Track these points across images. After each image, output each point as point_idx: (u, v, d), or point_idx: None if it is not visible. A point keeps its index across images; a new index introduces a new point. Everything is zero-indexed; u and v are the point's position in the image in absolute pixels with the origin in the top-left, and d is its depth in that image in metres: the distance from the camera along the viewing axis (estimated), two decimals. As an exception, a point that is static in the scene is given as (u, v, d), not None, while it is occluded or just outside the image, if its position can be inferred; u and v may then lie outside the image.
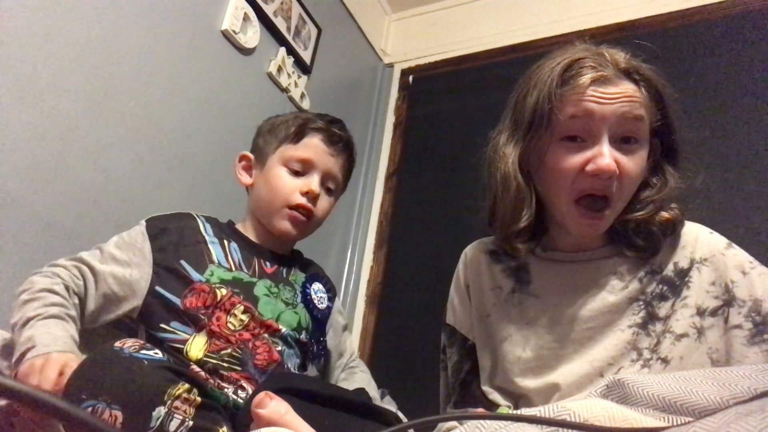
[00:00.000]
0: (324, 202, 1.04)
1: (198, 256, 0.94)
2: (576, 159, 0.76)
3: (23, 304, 0.78)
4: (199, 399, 0.65)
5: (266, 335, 0.91)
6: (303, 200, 1.00)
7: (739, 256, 0.79)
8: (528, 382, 0.81)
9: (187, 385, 0.65)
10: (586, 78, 0.76)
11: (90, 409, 0.60)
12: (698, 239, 0.82)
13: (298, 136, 1.03)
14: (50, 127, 1.14)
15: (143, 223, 0.96)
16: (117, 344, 0.66)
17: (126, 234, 0.95)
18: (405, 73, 2.42)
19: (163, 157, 1.39)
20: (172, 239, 0.95)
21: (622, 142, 0.76)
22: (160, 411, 0.61)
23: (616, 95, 0.75)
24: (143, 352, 0.66)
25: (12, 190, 1.06)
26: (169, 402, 0.62)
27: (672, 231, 0.81)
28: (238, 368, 0.86)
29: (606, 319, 0.79)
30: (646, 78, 0.78)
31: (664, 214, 0.79)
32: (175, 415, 0.62)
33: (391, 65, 2.47)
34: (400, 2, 2.51)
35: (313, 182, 1.01)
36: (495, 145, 0.87)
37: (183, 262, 0.92)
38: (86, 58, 1.22)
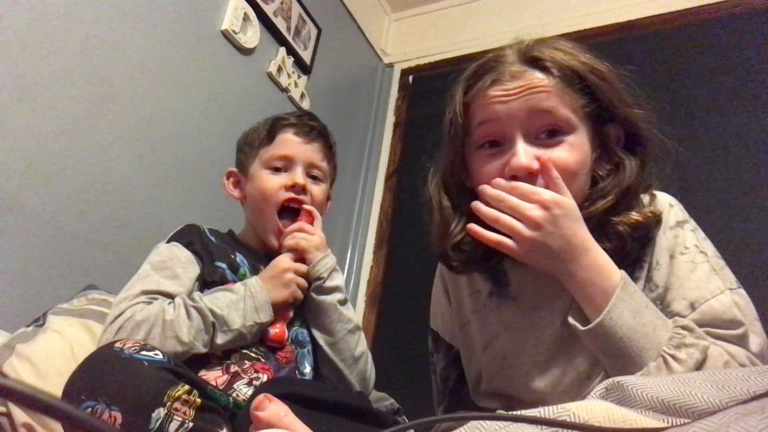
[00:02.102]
0: (315, 190, 1.04)
1: (226, 261, 0.96)
2: (494, 165, 0.72)
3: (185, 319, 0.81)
4: (198, 400, 0.65)
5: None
6: (290, 194, 1.00)
7: (680, 237, 0.72)
8: (514, 390, 0.78)
9: (186, 387, 0.65)
10: (486, 79, 0.72)
11: (89, 409, 0.60)
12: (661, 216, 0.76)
13: (270, 136, 1.04)
14: (50, 127, 1.14)
15: (165, 243, 0.96)
16: (117, 345, 0.66)
17: (157, 260, 0.92)
18: (405, 73, 2.43)
19: (163, 157, 1.39)
20: (201, 248, 0.96)
21: (547, 135, 0.71)
22: (160, 412, 0.61)
23: (519, 89, 0.70)
24: (143, 353, 0.66)
25: (12, 190, 1.06)
26: (168, 403, 0.62)
27: (645, 236, 0.72)
28: (263, 360, 0.88)
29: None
30: (557, 62, 0.71)
31: (634, 216, 0.70)
32: (175, 417, 0.62)
33: (391, 65, 2.47)
34: (400, 2, 2.51)
35: (296, 175, 1.01)
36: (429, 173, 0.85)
37: (218, 263, 0.94)
38: (86, 58, 1.22)
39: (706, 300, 0.66)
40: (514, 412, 0.33)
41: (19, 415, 0.75)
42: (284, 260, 0.94)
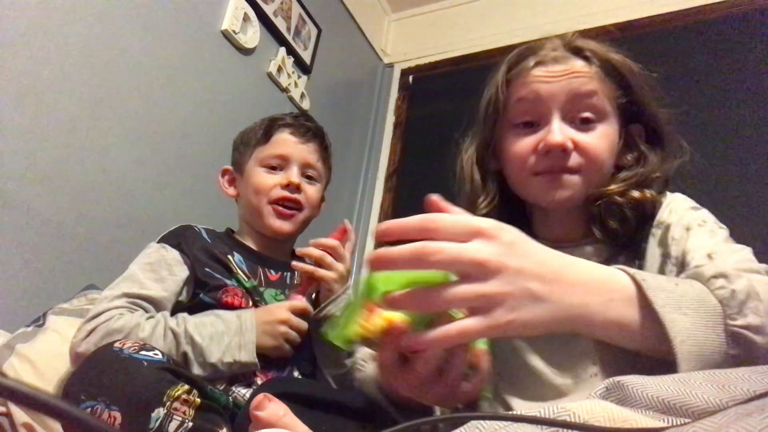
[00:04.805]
0: (309, 190, 1.05)
1: (218, 265, 0.95)
2: (527, 141, 0.74)
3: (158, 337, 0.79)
4: (198, 400, 0.65)
5: None
6: (285, 193, 1.01)
7: (695, 215, 0.69)
8: (509, 382, 0.75)
9: (186, 386, 0.65)
10: (530, 60, 0.75)
11: (89, 410, 0.60)
12: (669, 205, 0.73)
13: (267, 136, 1.05)
14: (50, 127, 1.14)
15: (157, 243, 0.95)
16: (116, 345, 0.66)
17: (144, 262, 0.91)
18: (405, 73, 2.42)
19: (163, 157, 1.39)
20: (191, 251, 0.94)
21: (581, 123, 0.73)
22: (159, 412, 0.61)
23: (563, 72, 0.73)
24: (143, 353, 0.66)
25: (12, 190, 1.06)
26: (168, 403, 0.62)
27: (645, 213, 0.71)
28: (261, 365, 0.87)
29: None
30: (597, 53, 0.75)
31: (634, 194, 0.71)
32: (174, 417, 0.62)
33: (391, 65, 2.47)
34: (400, 2, 2.51)
35: (291, 174, 1.02)
36: (462, 146, 0.87)
37: (207, 270, 0.93)
38: (86, 58, 1.22)
39: (724, 252, 0.60)
40: (514, 413, 0.33)
41: (20, 415, 0.76)
42: (283, 312, 0.88)
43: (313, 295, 0.96)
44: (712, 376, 0.32)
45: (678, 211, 0.71)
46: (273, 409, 0.54)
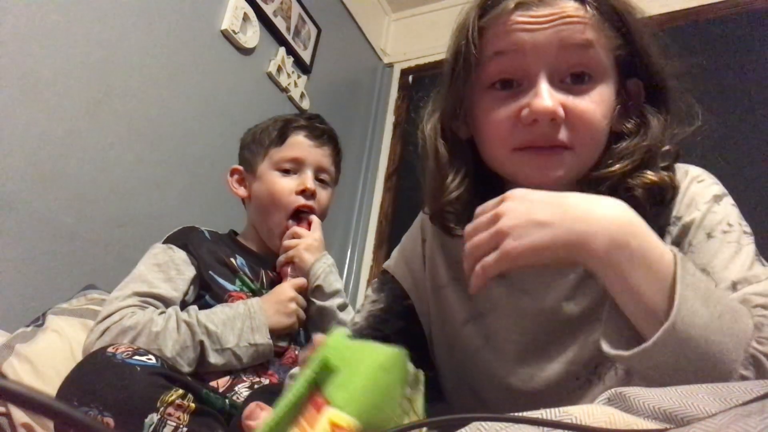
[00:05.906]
0: (322, 195, 1.05)
1: (223, 268, 0.95)
2: (509, 108, 0.60)
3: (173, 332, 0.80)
4: (193, 405, 0.65)
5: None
6: (301, 200, 1.01)
7: (719, 214, 0.59)
8: (483, 383, 0.69)
9: (180, 391, 0.64)
10: (509, 2, 0.59)
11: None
12: (686, 193, 0.62)
13: (281, 138, 1.04)
14: (50, 127, 1.14)
15: (161, 244, 0.95)
16: (110, 350, 0.65)
17: (151, 262, 0.91)
18: (405, 73, 2.43)
19: (163, 157, 1.39)
20: (197, 252, 0.94)
21: (573, 80, 0.59)
22: (153, 418, 0.61)
23: (551, 17, 0.58)
24: (136, 357, 0.65)
25: (12, 190, 1.06)
26: (162, 408, 0.61)
27: (661, 199, 0.61)
28: (266, 366, 0.88)
29: (582, 309, 0.62)
30: None
31: (649, 175, 0.59)
32: (169, 422, 0.61)
33: (390, 65, 2.47)
34: (400, 2, 2.51)
35: (307, 179, 1.01)
36: (423, 113, 0.74)
37: (212, 273, 0.93)
38: (86, 58, 1.22)
39: (750, 284, 0.53)
40: (516, 414, 0.33)
41: (19, 415, 0.75)
42: (290, 291, 0.93)
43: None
44: (716, 389, 0.32)
45: (698, 204, 0.60)
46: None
